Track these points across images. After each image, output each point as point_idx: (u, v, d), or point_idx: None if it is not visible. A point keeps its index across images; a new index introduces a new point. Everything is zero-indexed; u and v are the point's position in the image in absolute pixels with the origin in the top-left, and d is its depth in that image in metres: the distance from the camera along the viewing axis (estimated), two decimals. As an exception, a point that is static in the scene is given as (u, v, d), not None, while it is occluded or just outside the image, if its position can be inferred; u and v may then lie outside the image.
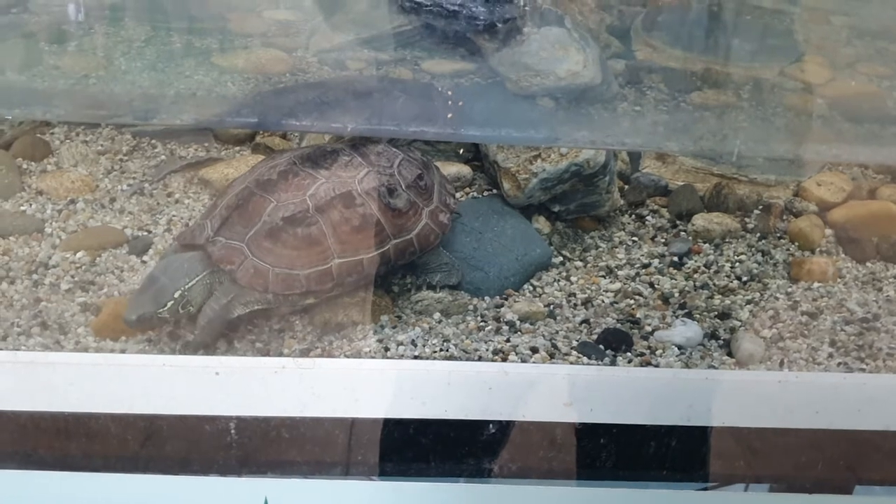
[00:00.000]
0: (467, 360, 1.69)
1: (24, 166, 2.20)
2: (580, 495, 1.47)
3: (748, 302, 1.90)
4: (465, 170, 2.22)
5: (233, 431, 1.54)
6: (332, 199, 1.69)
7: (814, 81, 2.05)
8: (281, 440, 1.55)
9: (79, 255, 1.88)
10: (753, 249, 2.07)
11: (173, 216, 2.04)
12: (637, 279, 1.96)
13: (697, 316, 1.84)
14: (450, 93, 1.71)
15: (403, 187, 1.77)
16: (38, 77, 1.79)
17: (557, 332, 1.77)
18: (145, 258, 1.89)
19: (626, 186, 2.25)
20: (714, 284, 1.94)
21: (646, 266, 2.00)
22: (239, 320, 1.70)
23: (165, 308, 1.63)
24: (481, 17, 1.97)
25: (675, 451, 1.57)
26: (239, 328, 1.72)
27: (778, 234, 2.13)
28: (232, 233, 1.68)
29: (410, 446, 1.55)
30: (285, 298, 1.69)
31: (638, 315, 1.83)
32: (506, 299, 1.86)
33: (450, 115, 1.65)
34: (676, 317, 1.83)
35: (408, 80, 1.85)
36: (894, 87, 2.02)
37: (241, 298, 1.68)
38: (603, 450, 1.57)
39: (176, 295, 1.64)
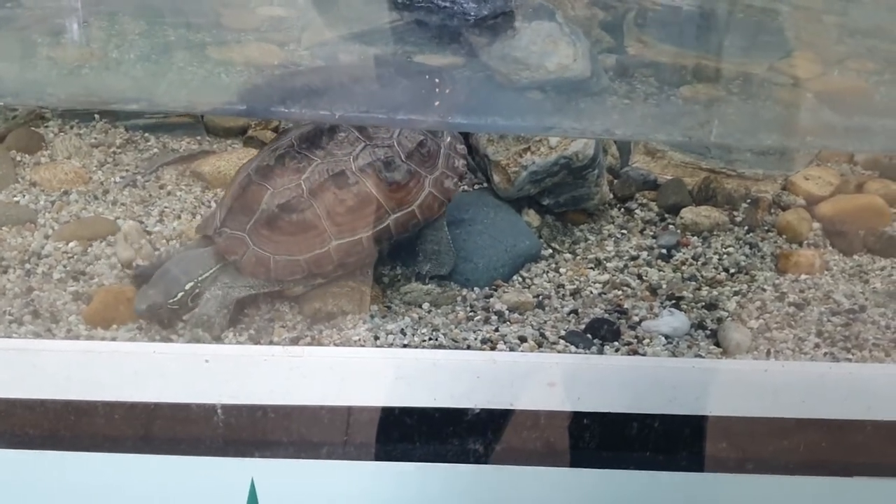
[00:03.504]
0: (456, 349, 1.70)
1: (18, 158, 2.21)
2: (569, 477, 1.48)
3: (735, 293, 1.91)
4: (456, 163, 2.23)
5: (220, 418, 1.55)
6: (324, 181, 1.70)
7: (803, 76, 2.06)
8: (269, 427, 1.56)
9: (71, 244, 1.89)
10: (741, 242, 2.09)
11: (165, 207, 2.06)
12: (625, 271, 1.97)
13: (685, 306, 1.86)
14: (437, 80, 1.73)
15: (403, 158, 1.76)
16: (31, 67, 1.80)
17: (546, 321, 1.79)
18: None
19: (616, 180, 2.27)
20: (702, 276, 1.96)
21: (634, 258, 2.01)
22: (248, 300, 1.75)
23: (175, 298, 1.68)
24: (472, 13, 1.98)
25: (661, 438, 1.58)
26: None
27: (766, 227, 2.15)
28: (235, 223, 1.72)
29: (398, 431, 1.56)
30: (290, 282, 1.72)
31: (626, 305, 1.85)
32: (495, 290, 1.88)
33: (437, 103, 1.67)
34: (664, 307, 1.85)
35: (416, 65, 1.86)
36: (882, 82, 2.03)
37: (246, 282, 1.71)
38: (588, 435, 1.58)
39: (187, 286, 1.69)
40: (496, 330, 1.75)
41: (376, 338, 1.71)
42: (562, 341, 1.73)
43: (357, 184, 1.71)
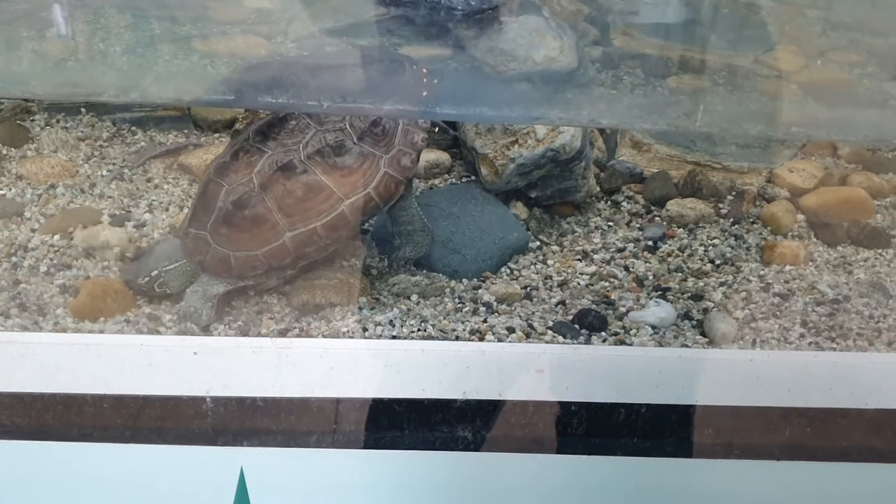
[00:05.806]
0: (444, 339, 1.70)
1: (4, 152, 2.20)
2: (557, 464, 1.49)
3: (721, 284, 1.93)
4: (443, 157, 2.25)
5: (210, 407, 1.54)
6: (273, 172, 1.68)
7: (786, 68, 2.08)
8: (258, 417, 1.56)
9: (57, 237, 1.89)
10: (727, 234, 2.11)
11: (153, 200, 2.06)
12: (612, 262, 1.98)
13: (671, 297, 1.87)
14: (424, 70, 1.73)
15: (355, 140, 1.72)
16: (17, 60, 1.79)
17: (534, 312, 1.80)
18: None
19: (602, 173, 2.28)
20: (688, 267, 1.97)
21: (621, 250, 2.03)
22: (235, 293, 1.76)
23: (144, 282, 1.72)
24: (459, 7, 1.98)
25: (648, 426, 1.59)
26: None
27: (751, 219, 2.17)
28: (198, 223, 1.72)
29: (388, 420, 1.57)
30: (258, 276, 1.73)
31: (613, 296, 1.86)
32: (483, 281, 1.88)
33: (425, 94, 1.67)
34: (651, 298, 1.86)
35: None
36: (864, 74, 2.05)
37: (219, 279, 1.72)
38: (576, 422, 1.59)
39: (153, 273, 1.72)
40: (484, 321, 1.76)
41: (365, 329, 1.72)
42: (550, 332, 1.74)
43: (305, 172, 1.68)
